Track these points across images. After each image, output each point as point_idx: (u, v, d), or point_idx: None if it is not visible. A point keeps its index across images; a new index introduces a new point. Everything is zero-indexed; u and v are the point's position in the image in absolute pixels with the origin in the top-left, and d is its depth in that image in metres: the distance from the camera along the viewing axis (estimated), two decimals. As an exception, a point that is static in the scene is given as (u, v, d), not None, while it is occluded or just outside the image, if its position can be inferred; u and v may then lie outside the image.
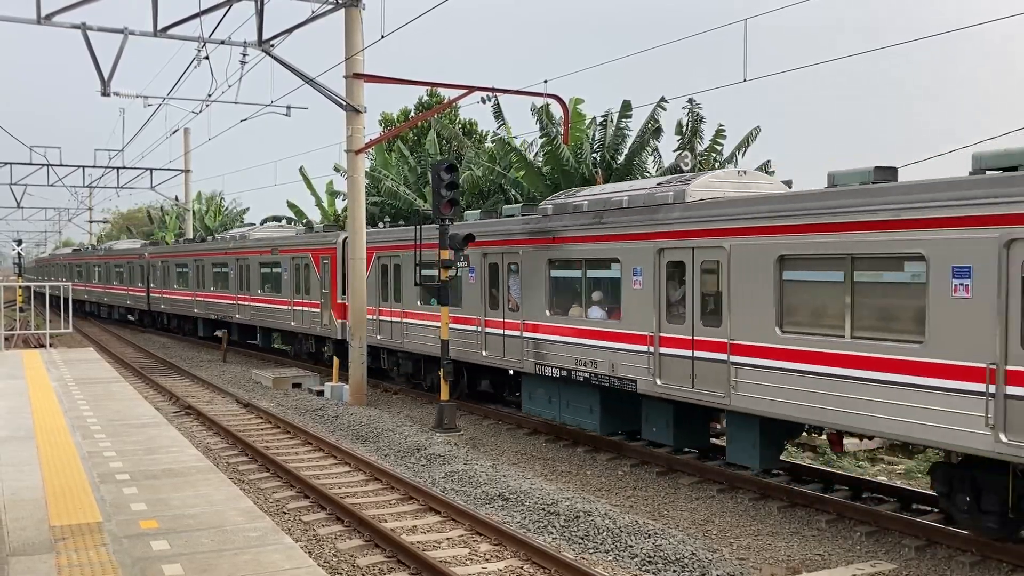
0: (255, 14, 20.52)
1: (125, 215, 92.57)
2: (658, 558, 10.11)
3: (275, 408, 20.58)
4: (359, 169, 21.40)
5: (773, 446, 13.03)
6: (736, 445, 13.18)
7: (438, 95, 39.65)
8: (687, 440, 14.85)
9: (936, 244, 9.93)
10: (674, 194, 13.98)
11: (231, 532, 7.55)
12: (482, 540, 10.79)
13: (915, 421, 10.16)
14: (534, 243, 16.69)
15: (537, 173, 28.10)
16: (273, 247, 29.25)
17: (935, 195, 9.99)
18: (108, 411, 13.46)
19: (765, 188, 14.19)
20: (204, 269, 35.21)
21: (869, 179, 11.20)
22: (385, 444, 16.56)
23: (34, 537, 7.34)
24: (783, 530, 11.62)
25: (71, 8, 19.65)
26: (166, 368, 28.99)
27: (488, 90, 21.14)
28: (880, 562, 10.32)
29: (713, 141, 25.82)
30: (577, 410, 16.14)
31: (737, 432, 13.14)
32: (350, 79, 20.70)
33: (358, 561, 10.09)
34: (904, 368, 10.29)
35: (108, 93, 21.84)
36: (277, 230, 34.86)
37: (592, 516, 11.39)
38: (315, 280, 26.19)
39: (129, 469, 9.73)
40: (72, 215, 72.75)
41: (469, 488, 13.15)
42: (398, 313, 21.60)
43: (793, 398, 11.65)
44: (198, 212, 57.50)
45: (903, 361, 10.30)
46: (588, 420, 15.97)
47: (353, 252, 21.21)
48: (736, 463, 13.32)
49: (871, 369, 10.64)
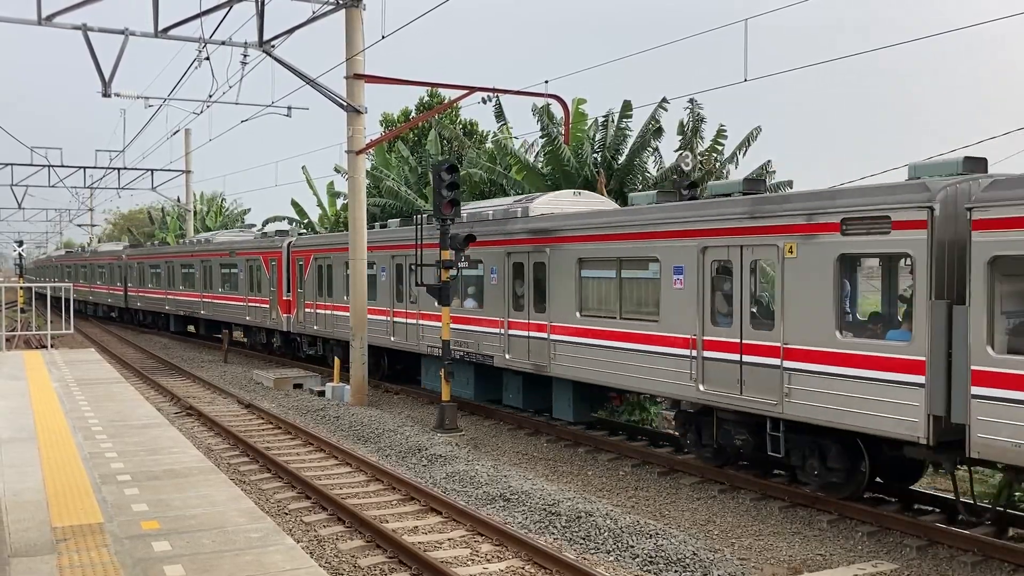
0: (256, 15, 20.51)
1: (126, 216, 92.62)
2: (659, 558, 10.11)
3: (276, 409, 20.59)
4: (360, 169, 21.41)
5: (584, 404, 17.28)
6: (558, 404, 17.46)
7: (439, 95, 39.64)
8: (533, 403, 18.52)
9: (664, 250, 13.98)
10: (521, 210, 17.96)
11: (232, 533, 7.55)
12: (483, 540, 10.79)
13: (658, 379, 14.08)
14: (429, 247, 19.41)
15: (537, 174, 28.09)
16: (231, 250, 32.76)
17: (665, 215, 14.07)
18: (109, 412, 13.46)
19: (595, 206, 18.04)
20: (174, 270, 38.74)
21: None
22: (386, 444, 16.56)
23: (36, 538, 7.34)
24: (784, 530, 11.62)
25: (72, 9, 19.65)
26: (167, 369, 29.01)
27: (489, 90, 21.15)
28: (882, 562, 10.32)
29: (714, 141, 25.81)
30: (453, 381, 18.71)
31: (559, 394, 17.42)
32: (351, 79, 20.70)
33: (359, 562, 10.09)
34: (650, 340, 14.26)
35: (109, 94, 21.84)
36: (237, 234, 38.07)
37: (593, 516, 11.39)
38: (265, 279, 29.56)
39: (130, 470, 9.73)
40: (73, 216, 72.79)
41: (470, 488, 13.16)
42: (329, 306, 25.50)
43: (590, 365, 15.61)
44: (199, 213, 57.53)
45: (649, 335, 14.31)
46: (465, 390, 19.86)
47: (354, 253, 21.24)
48: (560, 418, 17.44)
49: (633, 342, 14.64)
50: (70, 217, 73.93)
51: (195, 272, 36.14)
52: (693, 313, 13.34)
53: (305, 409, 20.58)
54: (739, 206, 12.74)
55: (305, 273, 26.71)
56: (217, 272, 33.84)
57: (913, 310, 10.62)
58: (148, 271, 42.39)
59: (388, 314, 22.20)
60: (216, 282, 33.99)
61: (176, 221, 58.59)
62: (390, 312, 22.14)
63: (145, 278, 42.87)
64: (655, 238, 14.13)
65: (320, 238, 27.48)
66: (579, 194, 18.96)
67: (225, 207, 62.72)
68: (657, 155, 27.51)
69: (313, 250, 26.63)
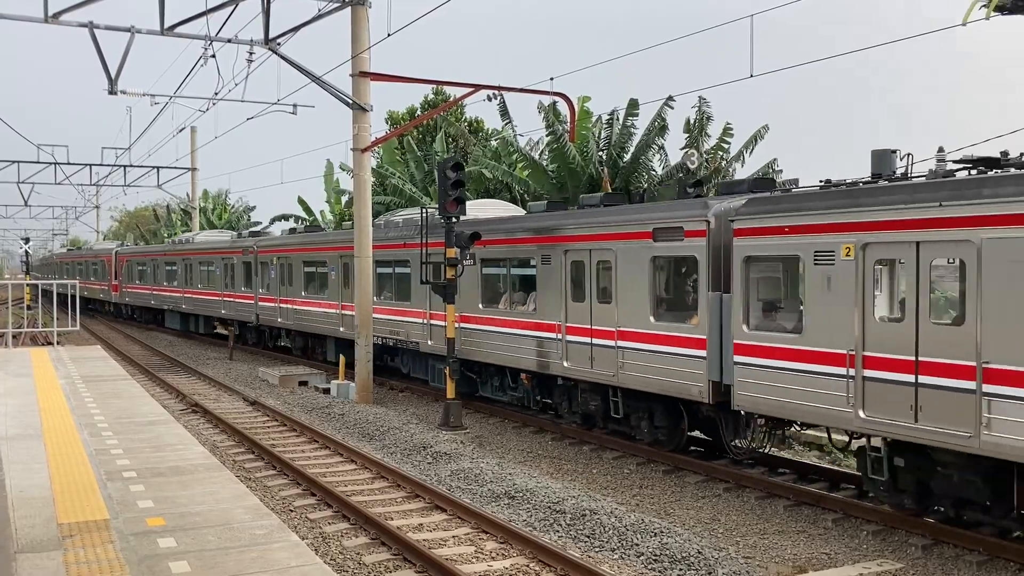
0: (262, 12, 20.51)
1: (132, 214, 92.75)
2: (664, 556, 10.10)
3: (281, 406, 20.62)
4: (365, 167, 21.41)
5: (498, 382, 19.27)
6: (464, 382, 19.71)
7: (444, 93, 39.60)
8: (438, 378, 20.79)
9: (537, 252, 16.89)
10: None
11: (238, 529, 7.57)
12: (488, 538, 10.80)
13: (534, 358, 16.94)
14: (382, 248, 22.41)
15: (543, 171, 28.07)
16: (209, 249, 35.72)
17: (540, 223, 16.98)
18: (115, 409, 13.50)
19: (499, 212, 21.35)
20: (158, 267, 41.49)
21: None
22: (391, 442, 16.58)
23: (42, 534, 7.37)
24: (789, 528, 11.61)
25: (78, 7, 19.67)
26: (173, 366, 29.06)
27: (494, 88, 21.12)
28: (887, 561, 10.30)
29: (720, 139, 25.77)
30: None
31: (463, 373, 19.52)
32: (356, 77, 20.70)
33: (364, 559, 10.11)
34: (528, 326, 17.14)
35: (115, 91, 21.85)
36: (215, 235, 40.76)
37: (598, 514, 11.39)
38: (240, 277, 32.49)
39: (136, 467, 9.76)
40: (79, 213, 72.96)
41: (475, 486, 13.16)
42: (290, 301, 28.36)
43: (489, 349, 18.33)
44: (205, 210, 57.59)
45: (527, 322, 17.16)
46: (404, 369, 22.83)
47: (359, 251, 21.25)
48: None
49: (516, 328, 17.47)
50: (76, 214, 74.11)
51: (177, 269, 38.82)
52: (560, 303, 16.18)
53: (310, 406, 20.61)
54: (589, 217, 15.82)
55: (270, 271, 29.43)
56: (196, 269, 36.52)
57: (698, 299, 13.44)
58: (136, 268, 45.07)
59: (338, 307, 25.00)
60: (196, 278, 36.59)
61: (181, 219, 58.67)
62: (338, 306, 24.96)
63: (133, 275, 45.57)
64: (532, 243, 17.11)
65: (280, 239, 30.03)
66: (490, 202, 23.34)
67: (231, 204, 62.77)
68: (663, 153, 27.49)
69: (276, 250, 29.21)
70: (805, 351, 11.58)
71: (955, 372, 9.80)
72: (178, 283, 38.70)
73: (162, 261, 40.95)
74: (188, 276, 37.50)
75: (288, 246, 28.51)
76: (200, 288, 36.16)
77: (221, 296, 33.91)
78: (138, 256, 45.61)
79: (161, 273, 40.98)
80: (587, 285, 15.62)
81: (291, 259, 27.96)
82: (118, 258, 48.56)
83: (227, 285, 33.34)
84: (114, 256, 49.18)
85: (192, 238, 40.01)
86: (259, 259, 30.54)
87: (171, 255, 39.98)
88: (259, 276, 30.51)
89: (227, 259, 33.37)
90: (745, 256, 12.42)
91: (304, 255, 27.01)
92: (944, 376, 9.91)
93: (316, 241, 26.83)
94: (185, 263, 37.82)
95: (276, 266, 28.94)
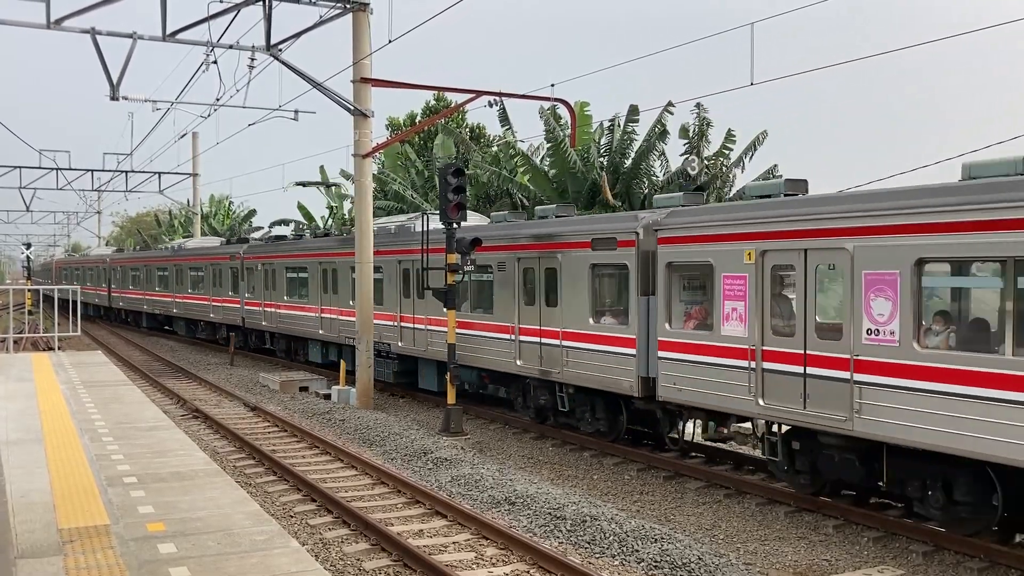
0: (263, 19, 20.57)
1: (134, 219, 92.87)
2: (664, 563, 10.09)
3: (282, 411, 20.62)
4: (367, 173, 21.43)
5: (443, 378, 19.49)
6: (426, 379, 21.38)
7: (445, 99, 39.65)
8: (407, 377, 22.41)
9: (499, 259, 18.06)
10: (414, 225, 22.12)
11: (238, 535, 7.57)
12: (488, 544, 10.79)
13: (495, 358, 18.15)
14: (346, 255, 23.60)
15: (544, 177, 28.09)
16: (198, 255, 37.11)
17: (511, 232, 18.01)
18: (116, 414, 13.50)
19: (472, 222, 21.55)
20: (151, 272, 42.76)
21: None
22: (392, 448, 16.57)
23: (42, 539, 7.37)
24: (790, 535, 11.60)
25: (80, 13, 19.70)
26: (173, 371, 29.07)
27: (494, 94, 21.15)
28: (888, 567, 10.29)
29: (723, 146, 25.78)
30: None
31: (426, 371, 21.32)
32: (358, 83, 20.73)
33: (365, 565, 10.10)
34: (490, 328, 18.30)
35: (117, 97, 21.86)
36: (204, 241, 42.04)
37: (598, 520, 11.38)
38: (227, 281, 33.91)
39: (137, 472, 9.76)
40: (81, 219, 73.01)
41: (475, 492, 13.15)
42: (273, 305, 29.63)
43: (443, 347, 18.82)
44: (207, 215, 57.65)
45: (488, 324, 18.37)
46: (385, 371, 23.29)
47: (360, 256, 21.26)
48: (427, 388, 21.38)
49: (480, 330, 18.65)
50: (78, 220, 74.17)
51: (168, 275, 40.37)
52: (513, 306, 17.55)
53: (311, 412, 20.60)
54: (538, 228, 17.26)
55: (256, 277, 30.92)
56: (186, 275, 38.03)
57: (629, 302, 14.78)
58: (129, 274, 46.63)
59: (317, 311, 26.53)
60: (186, 284, 38.07)
61: (182, 224, 58.73)
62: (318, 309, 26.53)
63: (127, 280, 47.09)
64: (491, 251, 18.27)
65: (264, 247, 31.35)
66: None
67: (232, 210, 62.81)
68: (664, 159, 27.50)
69: (260, 257, 30.65)
70: (715, 346, 13.03)
71: (834, 364, 11.32)
72: (169, 288, 40.11)
73: (154, 267, 42.38)
74: (179, 281, 38.88)
75: (271, 253, 29.94)
76: (190, 292, 37.61)
77: (210, 300, 35.33)
78: (131, 262, 47.21)
79: (153, 278, 42.42)
80: (537, 290, 17.04)
81: (274, 265, 29.44)
82: (111, 263, 50.25)
83: (215, 290, 34.86)
84: (107, 262, 51.03)
85: (182, 245, 41.64)
86: (245, 265, 31.91)
87: (162, 261, 41.48)
88: (245, 281, 31.94)
89: (215, 265, 34.83)
90: (667, 262, 13.91)
91: (287, 261, 28.49)
92: (826, 367, 11.43)
93: (297, 248, 28.27)
94: (176, 269, 39.25)
95: (260, 272, 30.48)
